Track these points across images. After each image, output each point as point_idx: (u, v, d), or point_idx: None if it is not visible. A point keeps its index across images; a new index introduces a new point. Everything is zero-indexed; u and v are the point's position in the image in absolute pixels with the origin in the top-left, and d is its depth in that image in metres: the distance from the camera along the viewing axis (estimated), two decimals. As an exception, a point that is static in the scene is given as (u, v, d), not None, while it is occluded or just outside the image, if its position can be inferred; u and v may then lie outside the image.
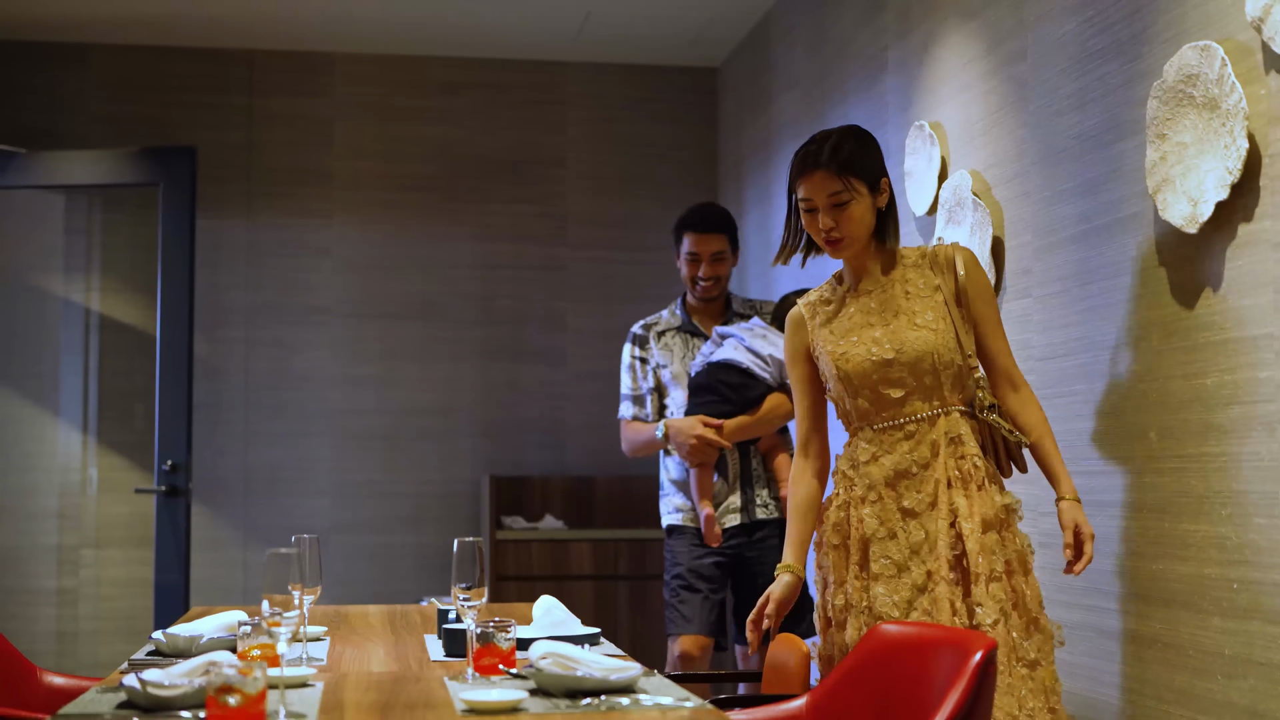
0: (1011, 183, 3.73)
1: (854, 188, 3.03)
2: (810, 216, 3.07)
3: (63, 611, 6.25)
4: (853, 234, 3.05)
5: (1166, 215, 2.92)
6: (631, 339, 4.58)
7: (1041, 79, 3.57)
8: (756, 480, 4.37)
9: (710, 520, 4.25)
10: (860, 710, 2.81)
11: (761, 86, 6.09)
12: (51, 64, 6.36)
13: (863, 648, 2.90)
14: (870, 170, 3.06)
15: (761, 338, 4.31)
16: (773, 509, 4.36)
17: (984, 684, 2.48)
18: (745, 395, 4.26)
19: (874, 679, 2.77)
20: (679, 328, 4.52)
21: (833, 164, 3.02)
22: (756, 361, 4.26)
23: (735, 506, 4.35)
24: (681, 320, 4.53)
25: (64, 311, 6.50)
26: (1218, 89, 2.75)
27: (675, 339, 4.51)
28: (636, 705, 2.33)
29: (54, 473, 6.43)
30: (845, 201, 3.02)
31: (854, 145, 3.06)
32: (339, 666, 2.85)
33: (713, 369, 4.29)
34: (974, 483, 2.98)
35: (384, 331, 6.54)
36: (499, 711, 2.28)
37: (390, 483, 6.49)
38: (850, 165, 3.03)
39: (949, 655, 2.61)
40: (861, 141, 3.08)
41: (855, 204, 3.03)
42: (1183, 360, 2.93)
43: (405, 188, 6.61)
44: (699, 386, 4.32)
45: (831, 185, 3.02)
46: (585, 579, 5.98)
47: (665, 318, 4.56)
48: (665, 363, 4.50)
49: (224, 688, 2.13)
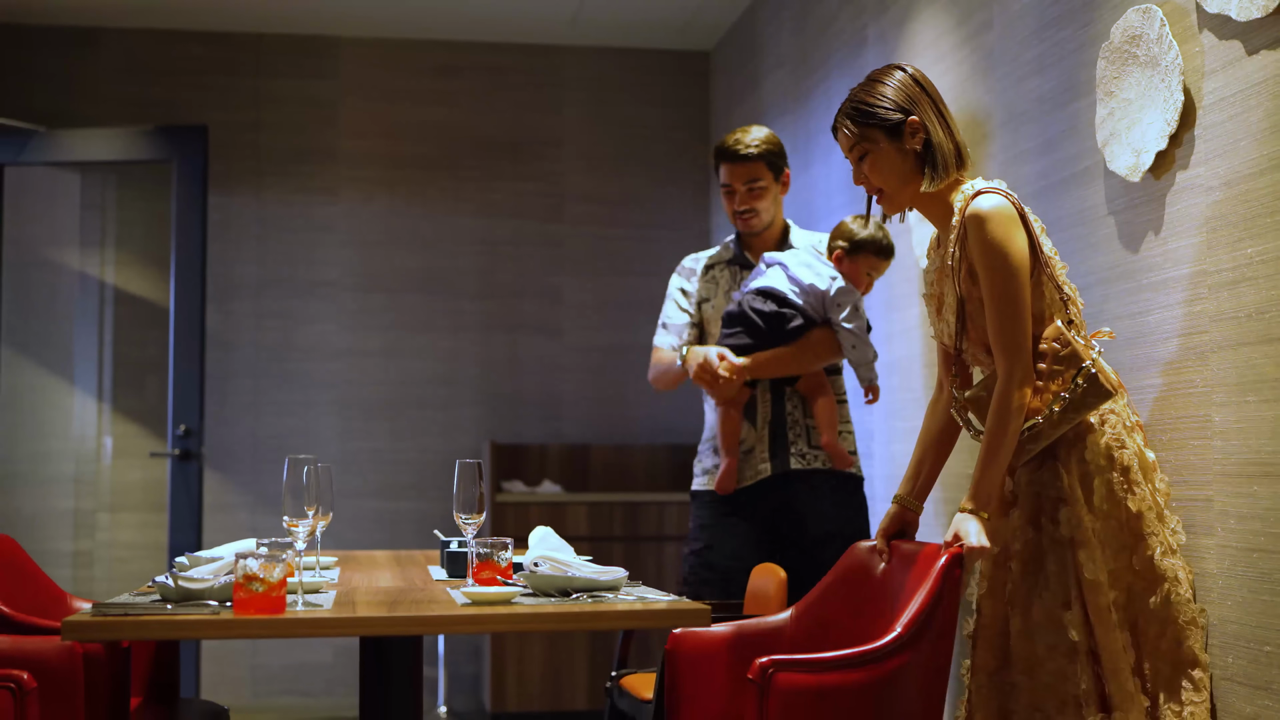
0: (979, 145, 3.97)
1: (875, 139, 2.99)
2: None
3: (78, 573, 6.50)
4: (885, 184, 3.03)
5: (1113, 166, 3.16)
6: (679, 270, 4.23)
7: (1006, 47, 3.82)
8: (792, 426, 3.96)
9: (728, 473, 3.92)
10: (838, 618, 3.04)
11: (750, 68, 6.33)
12: (68, 46, 6.61)
13: (840, 565, 3.14)
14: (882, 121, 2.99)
15: (805, 266, 3.95)
16: (811, 459, 3.93)
17: (947, 586, 2.72)
18: (779, 327, 3.89)
19: (851, 589, 3.01)
20: (729, 260, 4.17)
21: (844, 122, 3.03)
22: (797, 290, 3.91)
23: (764, 456, 3.95)
24: (734, 253, 4.18)
25: (80, 285, 6.75)
26: (1157, 47, 3.00)
27: (724, 273, 4.16)
28: (621, 600, 2.57)
29: (70, 440, 6.67)
30: (864, 154, 3.00)
31: (866, 90, 3.02)
32: (350, 584, 3.09)
33: (748, 296, 3.94)
34: None
35: (388, 304, 6.79)
36: (495, 602, 2.52)
37: (394, 450, 6.74)
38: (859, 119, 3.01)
39: (919, 564, 2.85)
40: (872, 86, 3.02)
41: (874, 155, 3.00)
42: (1129, 301, 3.17)
43: (408, 166, 6.86)
44: (730, 316, 3.97)
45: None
46: (582, 539, 6.21)
47: (717, 251, 4.22)
48: (709, 296, 4.15)
49: (249, 576, 2.38)
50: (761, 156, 4.03)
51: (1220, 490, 2.82)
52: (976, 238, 2.83)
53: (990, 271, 2.82)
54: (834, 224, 5.15)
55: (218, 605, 2.45)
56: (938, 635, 2.71)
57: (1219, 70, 2.84)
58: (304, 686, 6.55)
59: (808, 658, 2.63)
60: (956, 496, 4.07)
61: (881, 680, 2.64)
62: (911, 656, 2.67)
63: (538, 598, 2.64)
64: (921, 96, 2.96)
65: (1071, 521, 2.79)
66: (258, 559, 2.38)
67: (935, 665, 2.74)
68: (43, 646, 2.81)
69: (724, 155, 4.06)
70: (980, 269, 2.84)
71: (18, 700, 2.37)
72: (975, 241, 2.84)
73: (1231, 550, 2.78)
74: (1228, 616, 2.79)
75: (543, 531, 3.59)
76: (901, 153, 2.95)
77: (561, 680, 6.10)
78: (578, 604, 2.53)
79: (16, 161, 6.20)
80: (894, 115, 2.94)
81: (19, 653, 2.78)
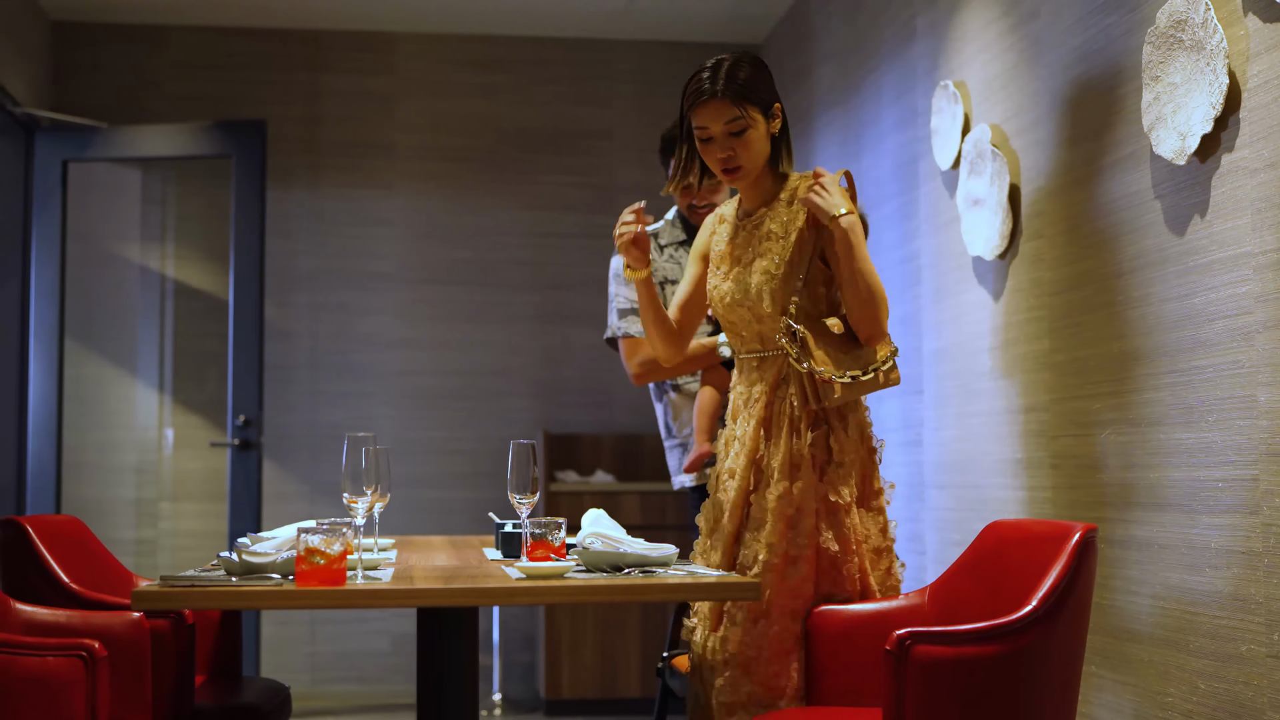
0: (1027, 132, 4.00)
1: (750, 115, 3.05)
2: (706, 145, 3.08)
3: (141, 560, 6.63)
4: (750, 162, 3.09)
5: (1159, 151, 3.19)
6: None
7: (1052, 35, 3.84)
8: None
9: (703, 457, 3.83)
10: (973, 596, 3.05)
11: (801, 60, 6.37)
12: (129, 44, 6.74)
13: (975, 544, 3.16)
14: (765, 96, 3.08)
15: None
16: None
17: (1083, 562, 2.74)
18: None
19: (986, 568, 3.04)
20: (682, 241, 4.13)
21: (729, 91, 3.03)
22: None
23: None
24: (683, 231, 4.14)
25: (141, 278, 6.88)
26: (1202, 31, 3.02)
27: (679, 252, 4.11)
28: (671, 575, 2.63)
29: (133, 430, 6.81)
30: (743, 129, 3.05)
31: (749, 71, 3.07)
32: (407, 563, 3.17)
33: None
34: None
35: (442, 296, 6.88)
36: (549, 576, 2.59)
37: (448, 440, 6.83)
38: (746, 92, 3.04)
39: (1051, 541, 2.88)
40: (756, 67, 3.08)
41: (752, 131, 3.06)
42: (1175, 284, 3.20)
43: (461, 159, 6.95)
44: None
45: (728, 112, 3.03)
46: (634, 528, 6.24)
47: (663, 227, 4.15)
48: (672, 277, 4.05)
49: (310, 550, 2.46)
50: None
51: (1266, 470, 2.84)
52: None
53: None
54: (886, 212, 5.20)
55: (280, 578, 2.53)
56: (1074, 611, 2.73)
57: (1264, 53, 2.86)
58: (361, 673, 6.66)
59: (945, 630, 2.66)
60: (993, 482, 4.10)
61: (1018, 654, 2.66)
62: (1048, 631, 2.68)
63: (590, 573, 2.70)
64: (776, 89, 3.16)
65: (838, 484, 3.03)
66: (318, 534, 2.46)
67: (1072, 641, 2.76)
68: (111, 620, 2.90)
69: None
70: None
71: (89, 668, 2.46)
72: None
73: (1277, 529, 2.80)
74: (1273, 595, 2.81)
75: (595, 513, 3.64)
76: (766, 134, 3.10)
77: (615, 667, 6.17)
78: (629, 578, 2.59)
79: (80, 158, 6.33)
80: (767, 97, 3.09)
81: (88, 626, 2.88)
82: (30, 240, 6.26)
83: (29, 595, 3.16)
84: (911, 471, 4.86)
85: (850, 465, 3.07)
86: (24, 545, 3.21)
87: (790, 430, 3.04)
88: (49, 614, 2.92)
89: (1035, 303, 3.92)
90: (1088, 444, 3.61)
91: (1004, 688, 2.68)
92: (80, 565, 3.38)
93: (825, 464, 3.05)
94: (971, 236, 4.29)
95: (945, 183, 4.60)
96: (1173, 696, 3.20)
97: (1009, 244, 4.09)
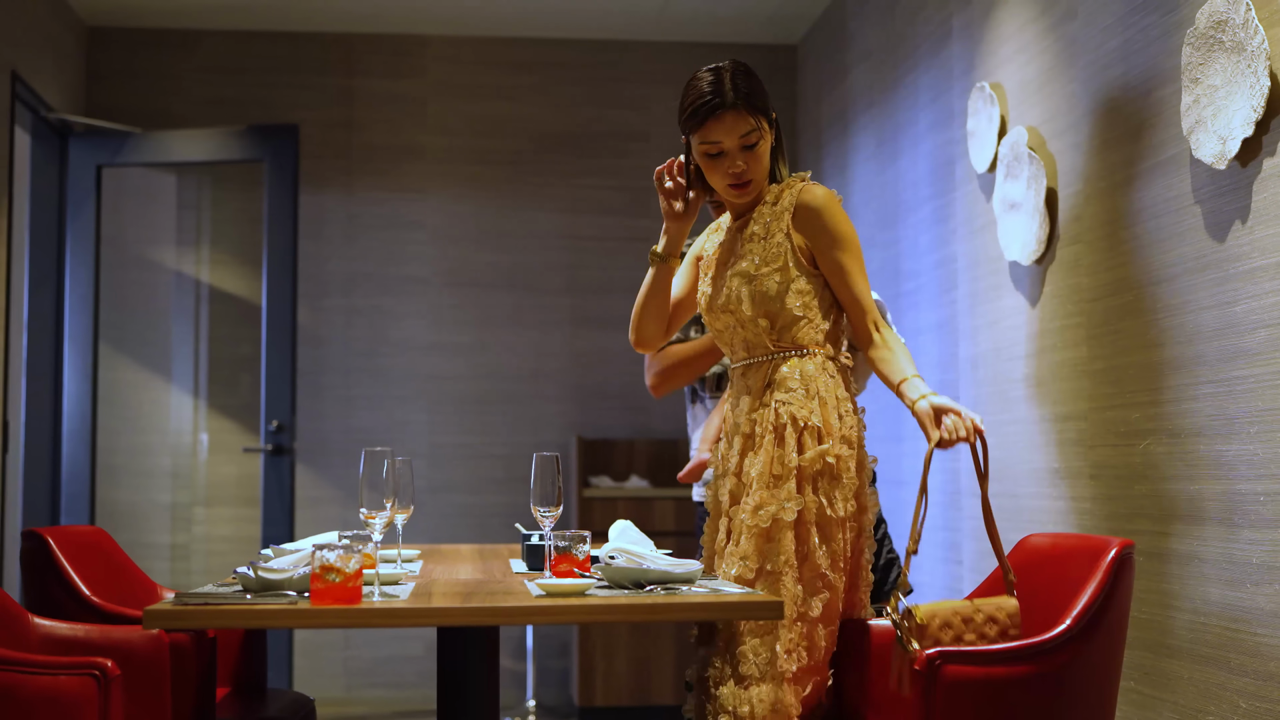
0: (1064, 135, 3.92)
1: (762, 126, 2.90)
2: (715, 160, 2.91)
3: (176, 565, 6.63)
4: (760, 175, 2.94)
5: (1199, 155, 3.10)
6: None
7: (1089, 35, 3.76)
8: None
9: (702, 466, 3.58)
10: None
11: (837, 61, 6.30)
12: (162, 49, 6.73)
13: (1010, 558, 3.07)
14: (767, 106, 2.92)
15: None
16: None
17: (1119, 578, 2.67)
18: None
19: (1020, 584, 2.95)
20: None
21: (741, 101, 2.86)
22: None
23: None
24: None
25: (176, 283, 6.88)
26: (1243, 32, 2.94)
27: None
28: (693, 592, 2.57)
29: (167, 435, 6.81)
30: (756, 142, 2.90)
31: (751, 79, 2.91)
32: (430, 576, 3.12)
33: None
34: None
35: (476, 300, 6.85)
36: (569, 594, 2.54)
37: (482, 445, 6.79)
38: (755, 101, 2.88)
39: (1087, 557, 2.80)
40: (753, 76, 2.93)
41: (762, 143, 2.91)
42: (1215, 291, 3.11)
43: (495, 162, 6.91)
44: None
45: (744, 124, 2.87)
46: (669, 535, 6.22)
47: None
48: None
49: (325, 567, 2.41)
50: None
51: (1309, 484, 2.76)
52: (828, 217, 2.90)
53: (850, 244, 2.91)
54: (922, 215, 5.12)
55: (296, 595, 2.49)
56: (1110, 630, 2.66)
57: (1306, 54, 2.78)
58: (396, 679, 6.63)
59: (976, 650, 2.60)
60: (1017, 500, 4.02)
61: (1051, 675, 2.59)
62: (1082, 651, 2.61)
63: (612, 590, 2.65)
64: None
65: None
66: (334, 550, 2.41)
67: (1107, 661, 2.69)
68: (130, 635, 2.87)
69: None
70: (841, 241, 2.90)
71: (102, 688, 2.42)
72: (828, 222, 2.90)
73: (1320, 545, 2.72)
74: (1316, 613, 2.73)
75: (623, 525, 3.59)
76: (769, 145, 2.94)
77: (648, 675, 6.11)
78: (650, 595, 2.53)
79: (113, 163, 6.33)
80: (767, 107, 2.92)
81: (107, 641, 2.85)
82: (65, 245, 6.27)
83: (50, 608, 3.13)
84: (948, 479, 4.79)
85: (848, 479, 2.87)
86: (46, 557, 3.19)
87: (775, 440, 2.87)
88: (68, 629, 2.89)
89: (1073, 309, 3.84)
90: (1126, 454, 3.53)
91: (1036, 709, 2.61)
92: (103, 577, 3.35)
93: (819, 475, 2.85)
94: (1008, 240, 4.21)
95: (982, 186, 4.52)
96: (1213, 715, 3.11)
97: (1046, 249, 4.01)
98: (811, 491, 2.84)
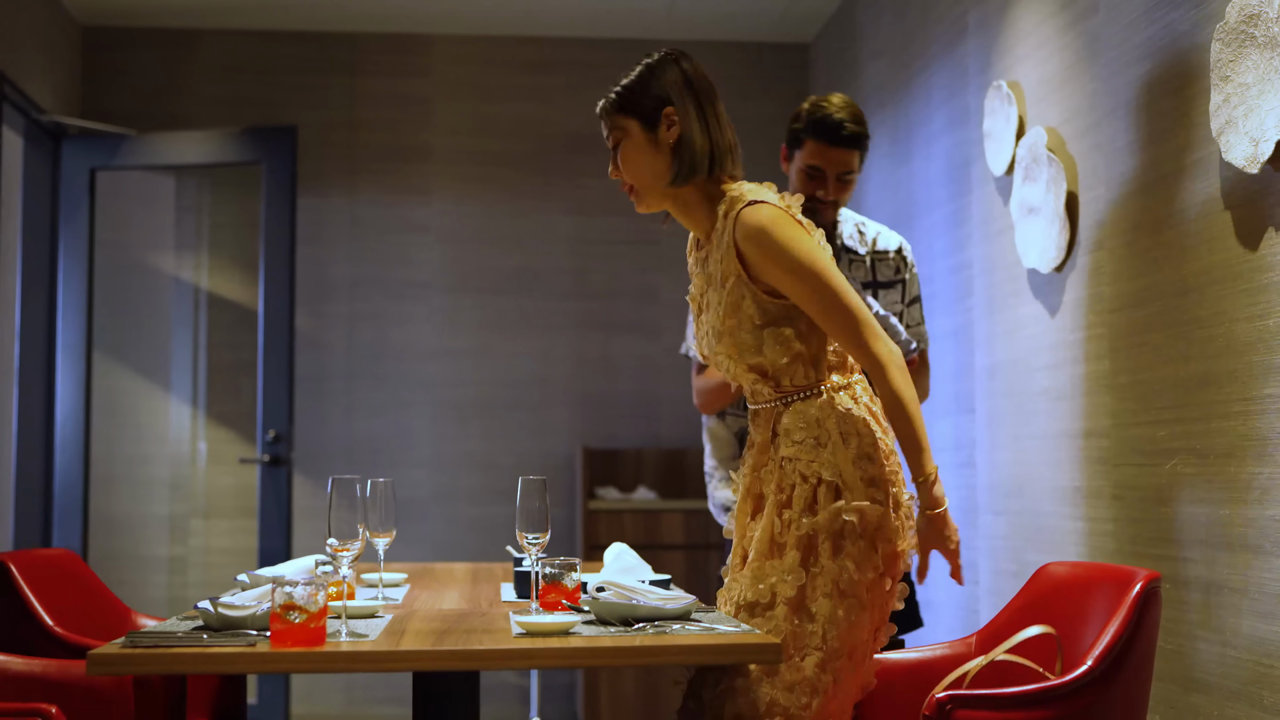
0: (1085, 136, 3.72)
1: (627, 126, 2.69)
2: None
3: (173, 578, 6.47)
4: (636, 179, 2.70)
5: (1229, 157, 2.91)
6: None
7: (1112, 31, 3.57)
8: None
9: None
10: (1024, 648, 2.78)
11: (850, 59, 6.11)
12: (159, 49, 6.58)
13: (1028, 587, 2.90)
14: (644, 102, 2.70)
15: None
16: None
17: (1144, 615, 2.48)
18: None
19: (1038, 617, 2.78)
20: None
21: (609, 102, 2.70)
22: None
23: None
24: None
25: (175, 289, 6.72)
26: (1277, 27, 2.74)
27: None
28: (684, 630, 2.39)
29: (166, 444, 6.65)
30: (616, 143, 2.69)
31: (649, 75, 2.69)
32: (412, 605, 2.95)
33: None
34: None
35: (481, 305, 6.67)
36: (552, 633, 2.36)
37: (487, 454, 6.62)
38: (624, 99, 2.69)
39: (1111, 589, 2.61)
40: (659, 68, 2.70)
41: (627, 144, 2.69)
42: (1246, 303, 2.92)
43: (501, 164, 6.74)
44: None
45: (609, 125, 2.70)
46: (677, 548, 6.05)
47: None
48: None
49: (287, 605, 2.24)
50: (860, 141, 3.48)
51: (1349, 512, 2.57)
52: (770, 246, 2.55)
53: (805, 268, 2.55)
54: (937, 218, 4.93)
55: (256, 635, 2.32)
56: (1134, 669, 2.47)
57: (1346, 50, 2.59)
58: (399, 693, 6.46)
59: (990, 693, 2.41)
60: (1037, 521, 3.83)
61: (1072, 719, 2.42)
62: (1104, 694, 2.42)
63: (598, 626, 2.47)
64: (684, 89, 2.66)
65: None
66: (297, 587, 2.24)
67: (1133, 703, 2.50)
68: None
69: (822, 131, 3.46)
70: (794, 266, 2.55)
71: (47, 734, 2.26)
72: (771, 250, 2.56)
73: (1361, 579, 2.53)
74: (1357, 651, 2.54)
75: (618, 549, 3.42)
76: (655, 145, 2.65)
77: (655, 691, 5.93)
78: (638, 636, 2.35)
79: (108, 166, 6.18)
80: (648, 103, 2.65)
81: (65, 678, 2.69)
82: (58, 251, 6.12)
83: (12, 641, 2.97)
84: (964, 495, 4.60)
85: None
86: (7, 585, 3.03)
87: (781, 503, 2.62)
88: (23, 664, 2.73)
89: (1095, 320, 3.65)
90: (1152, 474, 3.34)
91: (1056, 757, 2.43)
92: (72, 605, 3.19)
93: (839, 536, 2.56)
94: (1026, 246, 4.02)
95: (999, 188, 4.33)
96: (1245, 755, 2.92)
97: (1066, 256, 3.81)
98: (831, 556, 2.55)
